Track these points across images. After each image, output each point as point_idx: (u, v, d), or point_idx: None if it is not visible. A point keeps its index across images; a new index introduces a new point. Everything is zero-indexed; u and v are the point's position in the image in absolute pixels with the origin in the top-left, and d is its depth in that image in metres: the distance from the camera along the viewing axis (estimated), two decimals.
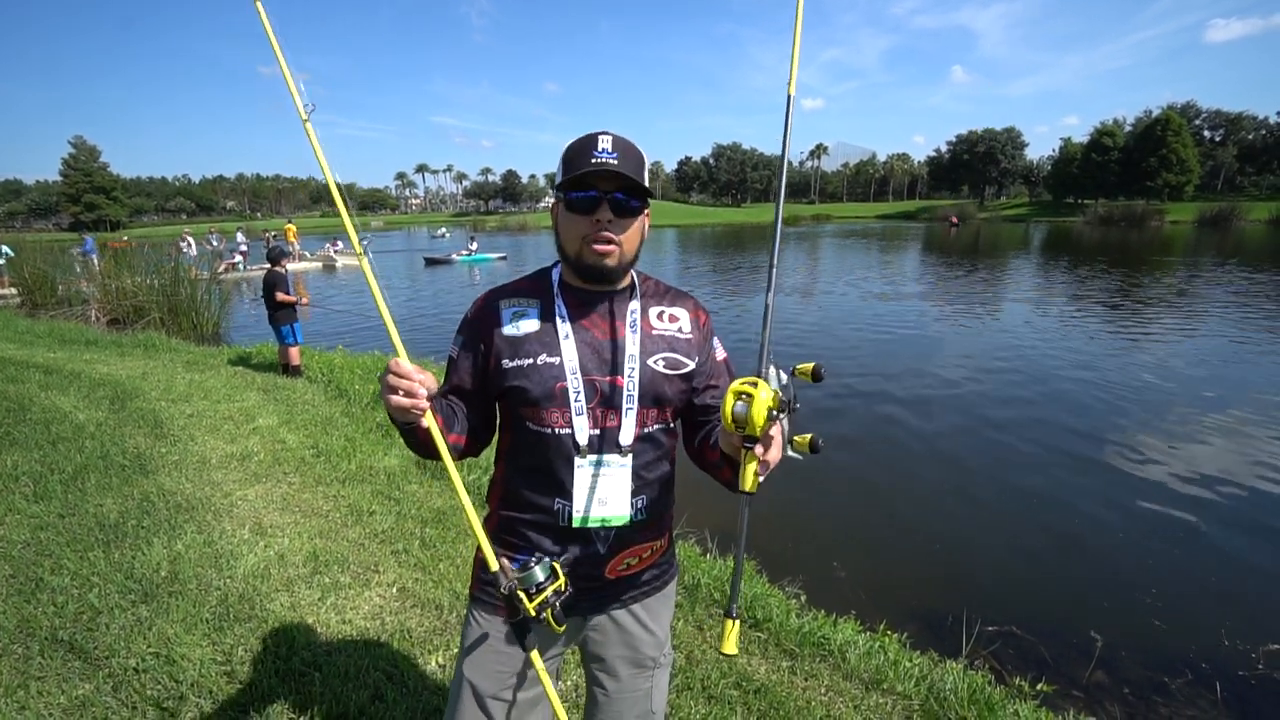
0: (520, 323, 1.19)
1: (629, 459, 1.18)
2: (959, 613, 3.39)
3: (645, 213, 1.18)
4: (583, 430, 1.15)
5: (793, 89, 1.14)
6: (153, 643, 2.44)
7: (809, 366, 0.99)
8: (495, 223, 79.93)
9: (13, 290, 14.46)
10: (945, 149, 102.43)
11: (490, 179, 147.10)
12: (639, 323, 1.23)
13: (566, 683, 2.36)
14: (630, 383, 1.18)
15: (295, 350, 7.23)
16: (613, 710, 1.33)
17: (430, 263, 26.14)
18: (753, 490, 0.97)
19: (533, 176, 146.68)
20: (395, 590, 2.94)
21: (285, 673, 2.32)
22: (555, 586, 1.07)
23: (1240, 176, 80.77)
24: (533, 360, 1.16)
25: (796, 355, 9.66)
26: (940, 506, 4.95)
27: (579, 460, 1.15)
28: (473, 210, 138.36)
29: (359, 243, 1.09)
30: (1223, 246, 30.51)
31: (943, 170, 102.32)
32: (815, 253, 32.15)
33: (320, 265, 25.44)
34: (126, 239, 17.33)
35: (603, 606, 1.26)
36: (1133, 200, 66.43)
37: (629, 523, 1.19)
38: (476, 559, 1.29)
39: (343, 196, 1.10)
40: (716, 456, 1.15)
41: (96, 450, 4.43)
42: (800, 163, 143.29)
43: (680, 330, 1.26)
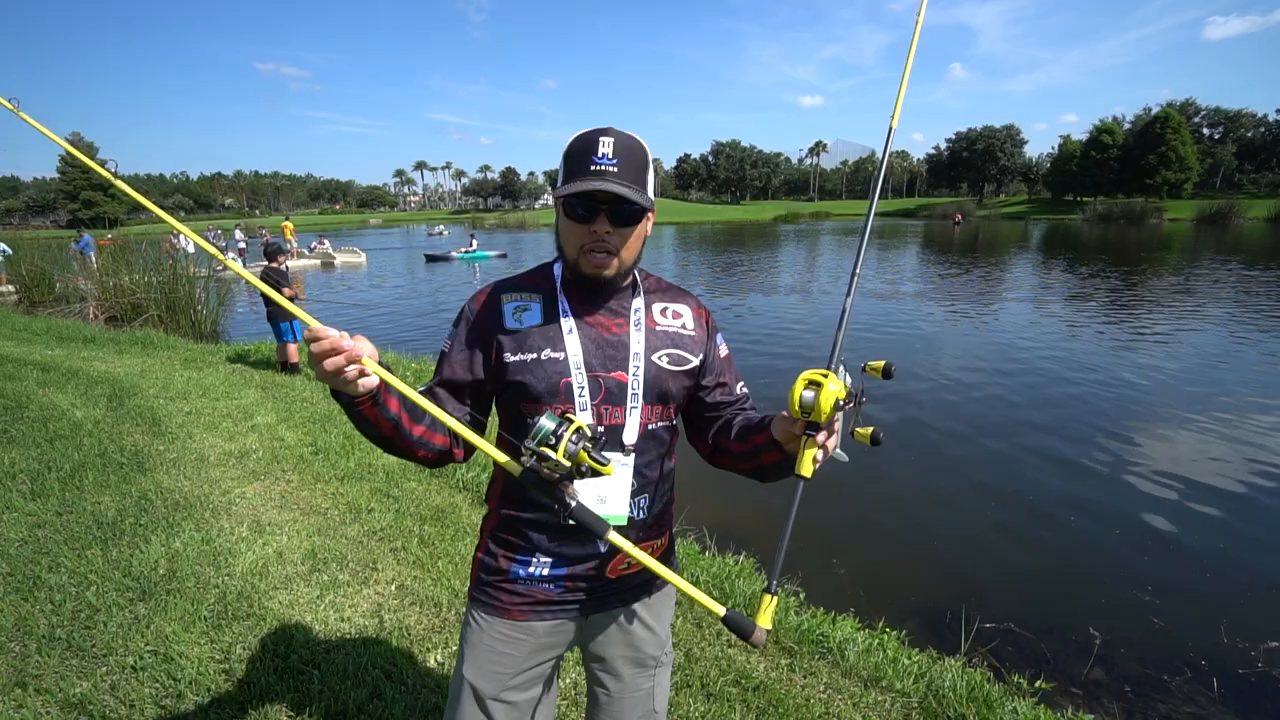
0: (524, 317, 1.17)
1: (631, 458, 1.17)
2: (957, 610, 3.39)
3: (648, 215, 1.15)
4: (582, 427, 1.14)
5: (895, 122, 1.23)
6: (151, 641, 2.44)
7: (880, 364, 1.03)
8: (494, 220, 79.78)
9: (10, 288, 14.44)
10: (945, 146, 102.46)
11: (489, 176, 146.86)
12: (643, 319, 1.22)
13: (565, 681, 2.36)
14: (635, 379, 1.17)
15: (294, 347, 7.21)
16: (615, 710, 1.32)
17: (431, 260, 26.71)
18: (810, 475, 1.00)
19: (531, 174, 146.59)
20: (394, 588, 2.93)
21: (284, 670, 2.31)
22: (573, 430, 0.96)
23: (1239, 174, 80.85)
24: (536, 355, 1.14)
25: (798, 356, 9.65)
26: (939, 504, 4.95)
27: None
28: (471, 208, 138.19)
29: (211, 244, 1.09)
30: (1222, 244, 30.54)
31: (942, 168, 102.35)
32: (815, 251, 32.13)
33: (319, 263, 25.43)
34: (110, 237, 17.32)
35: (604, 605, 1.25)
36: (1132, 198, 66.46)
37: (629, 522, 1.18)
38: (476, 559, 1.28)
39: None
40: (749, 445, 1.17)
41: (94, 448, 4.42)
42: (799, 160, 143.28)
43: (684, 326, 1.26)
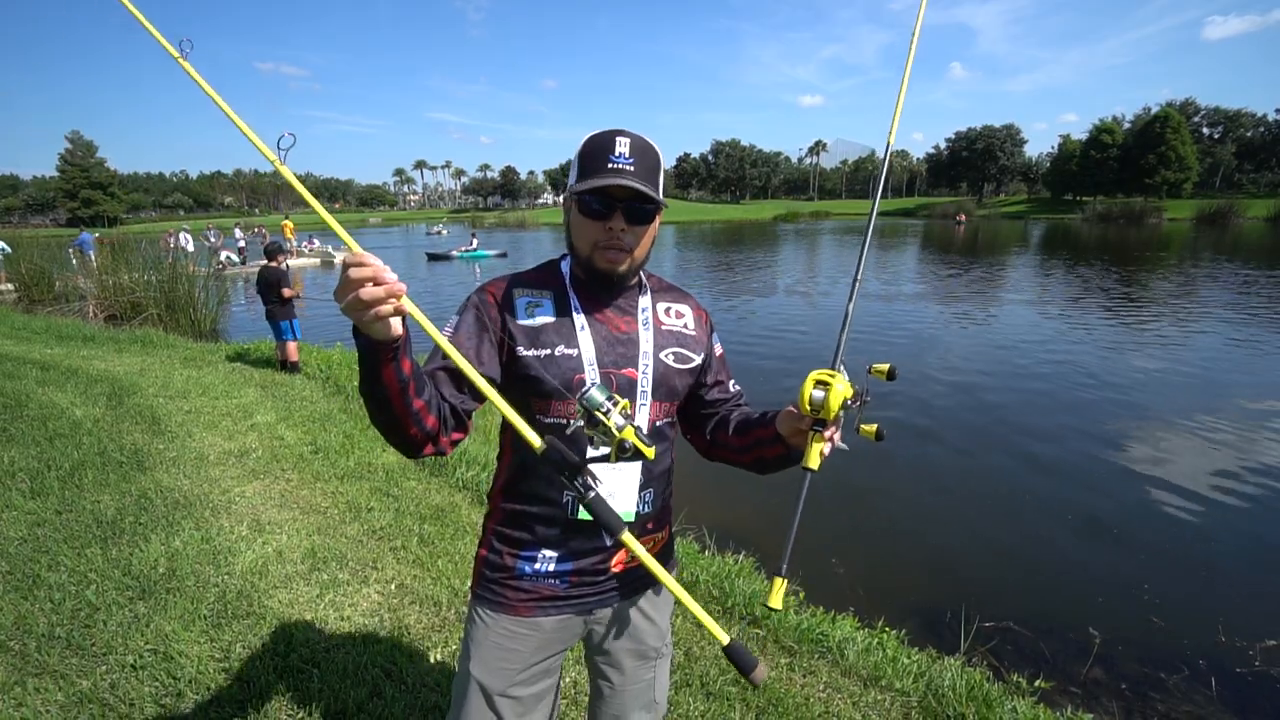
0: (536, 314, 1.18)
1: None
2: (957, 609, 3.39)
3: (659, 215, 1.18)
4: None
5: (892, 139, 1.31)
6: (150, 640, 2.44)
7: (885, 366, 1.09)
8: (494, 219, 79.76)
9: (9, 286, 14.42)
10: (944, 146, 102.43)
11: (489, 175, 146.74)
12: (650, 318, 1.25)
13: (565, 680, 2.37)
14: (644, 377, 1.19)
15: (293, 346, 7.20)
16: (618, 702, 1.34)
17: (432, 258, 27.06)
18: (817, 468, 1.07)
19: (531, 173, 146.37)
20: (394, 587, 2.93)
21: (283, 669, 2.31)
22: (621, 407, 0.98)
23: (1239, 174, 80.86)
24: (550, 351, 1.15)
25: (797, 357, 9.65)
26: (938, 503, 4.95)
27: (592, 453, 1.14)
28: (471, 207, 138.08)
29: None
30: (1221, 244, 30.54)
31: (942, 167, 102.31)
32: (815, 250, 32.11)
33: (319, 262, 25.41)
34: (98, 235, 17.32)
35: (609, 600, 1.26)
36: (1131, 197, 66.47)
37: (635, 517, 1.20)
38: (480, 556, 1.28)
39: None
40: (750, 439, 1.23)
41: (94, 446, 4.42)
42: (799, 160, 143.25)
43: (686, 326, 1.29)
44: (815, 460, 1.06)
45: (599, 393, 0.98)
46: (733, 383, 1.37)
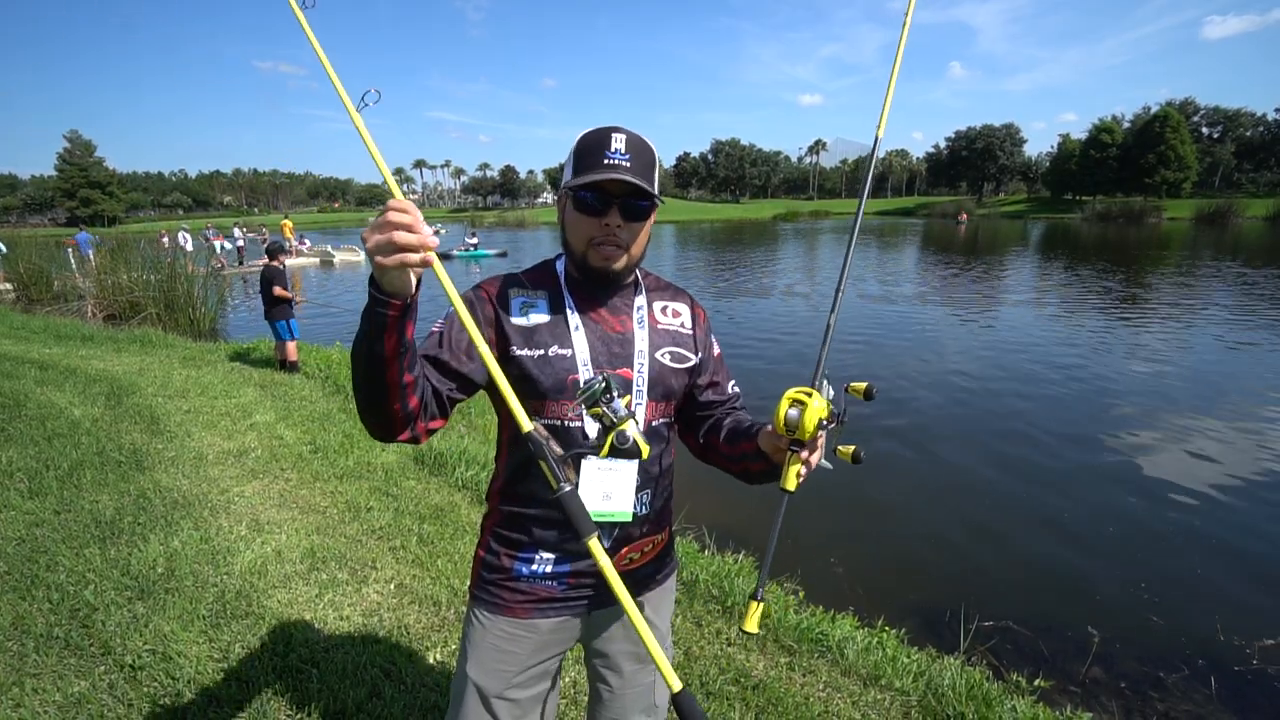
0: (530, 314, 1.17)
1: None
2: (956, 609, 3.40)
3: (654, 212, 1.17)
4: (593, 423, 1.14)
5: (881, 132, 1.25)
6: (149, 640, 2.44)
7: (862, 385, 1.05)
8: (493, 218, 79.63)
9: (8, 285, 14.41)
10: (944, 145, 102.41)
11: (488, 174, 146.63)
12: (646, 317, 1.23)
13: (565, 680, 2.36)
14: (640, 376, 1.18)
15: (292, 346, 7.20)
16: (617, 705, 1.33)
17: None
18: (794, 490, 1.03)
19: (530, 172, 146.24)
20: (393, 586, 2.93)
21: (282, 669, 2.31)
22: (625, 401, 1.02)
23: (1238, 173, 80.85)
24: (544, 351, 1.14)
25: (798, 358, 9.65)
26: (937, 503, 4.95)
27: (587, 453, 1.14)
28: (470, 206, 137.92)
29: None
30: (1220, 243, 30.55)
31: (941, 166, 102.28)
32: (815, 250, 32.11)
33: (318, 261, 25.40)
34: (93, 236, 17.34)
35: (607, 601, 1.25)
36: (1131, 197, 66.46)
37: (633, 518, 1.19)
38: (478, 557, 1.27)
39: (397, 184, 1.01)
40: (738, 451, 1.19)
41: (92, 446, 4.41)
42: (799, 159, 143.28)
43: (683, 325, 1.28)
44: (792, 482, 1.02)
45: (603, 381, 1.01)
46: (731, 384, 1.34)
